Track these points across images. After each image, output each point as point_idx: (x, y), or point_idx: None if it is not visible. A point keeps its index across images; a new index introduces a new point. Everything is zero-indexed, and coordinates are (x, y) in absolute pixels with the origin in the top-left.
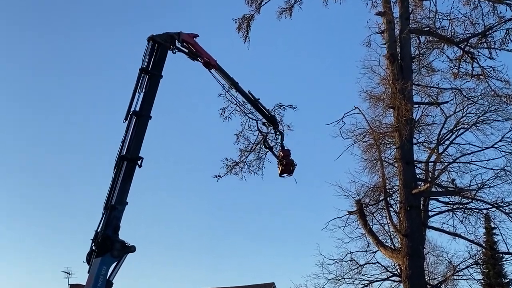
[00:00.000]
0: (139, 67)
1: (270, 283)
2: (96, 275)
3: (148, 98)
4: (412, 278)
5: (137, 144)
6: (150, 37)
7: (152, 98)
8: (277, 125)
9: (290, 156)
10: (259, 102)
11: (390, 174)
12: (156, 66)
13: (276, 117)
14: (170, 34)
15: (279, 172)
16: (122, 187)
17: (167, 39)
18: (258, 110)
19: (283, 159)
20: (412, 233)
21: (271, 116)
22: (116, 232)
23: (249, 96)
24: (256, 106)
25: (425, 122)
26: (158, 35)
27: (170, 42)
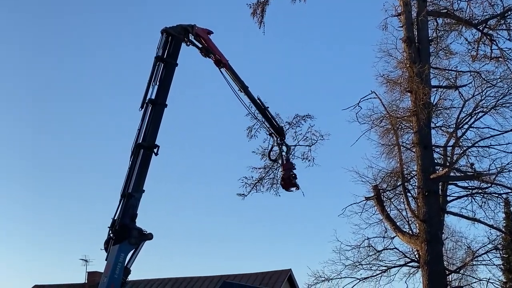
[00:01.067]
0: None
1: (287, 269)
2: (114, 263)
3: (164, 86)
4: (431, 263)
5: (153, 132)
6: (163, 29)
7: (168, 86)
8: (284, 136)
9: (293, 170)
10: (267, 110)
11: (408, 159)
12: (171, 56)
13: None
14: (184, 26)
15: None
16: (138, 175)
17: (181, 31)
18: (266, 119)
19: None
20: (431, 219)
21: (279, 127)
22: (133, 220)
23: (258, 102)
24: (264, 114)
25: (443, 106)
26: (172, 28)
27: (183, 35)
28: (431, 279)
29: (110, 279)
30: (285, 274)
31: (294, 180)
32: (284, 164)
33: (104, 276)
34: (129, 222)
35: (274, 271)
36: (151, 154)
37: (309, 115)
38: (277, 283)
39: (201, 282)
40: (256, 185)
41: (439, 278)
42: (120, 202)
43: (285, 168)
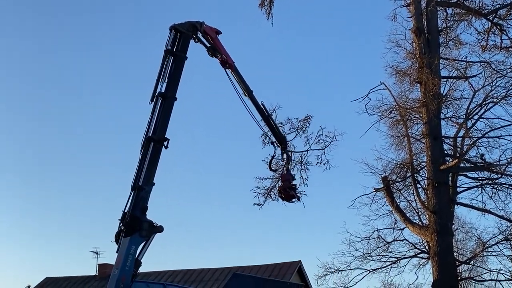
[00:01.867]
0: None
1: (296, 261)
2: (125, 255)
3: (173, 79)
4: (441, 255)
5: (163, 125)
6: (172, 26)
7: (177, 79)
8: (286, 146)
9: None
10: (271, 117)
11: (417, 150)
12: (180, 50)
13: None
14: (192, 23)
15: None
16: (149, 168)
17: (189, 28)
18: (268, 126)
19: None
20: (441, 210)
21: (281, 136)
22: (144, 212)
23: (261, 108)
24: (267, 121)
25: (453, 97)
26: (180, 24)
27: (192, 32)
28: (441, 270)
29: (121, 271)
30: (295, 266)
31: (292, 192)
32: (283, 175)
33: (115, 268)
34: (139, 215)
35: (283, 263)
36: (161, 148)
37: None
38: (286, 274)
39: (211, 274)
40: (270, 194)
41: (449, 269)
42: (130, 195)
43: (283, 179)
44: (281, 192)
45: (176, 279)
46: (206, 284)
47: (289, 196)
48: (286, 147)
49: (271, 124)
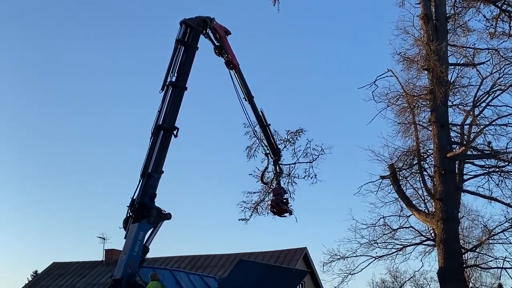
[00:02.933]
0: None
1: (302, 248)
2: (133, 240)
3: (184, 69)
4: (447, 242)
5: (173, 114)
6: (182, 21)
7: (188, 69)
8: (280, 158)
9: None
10: (268, 127)
11: (424, 138)
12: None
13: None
14: (203, 18)
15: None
16: (158, 156)
17: (200, 23)
18: (265, 136)
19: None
20: (447, 197)
21: (277, 148)
22: (152, 200)
23: (260, 116)
24: (265, 131)
25: (460, 84)
26: (191, 19)
27: (202, 27)
28: (447, 257)
29: (129, 256)
30: (301, 252)
31: (284, 206)
32: (274, 189)
33: (123, 253)
34: (148, 202)
35: (289, 249)
36: (170, 136)
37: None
38: (292, 261)
39: (217, 260)
40: (257, 208)
41: (455, 256)
42: (139, 182)
43: (275, 193)
44: (273, 206)
45: (183, 265)
46: (212, 270)
47: (281, 210)
48: (279, 159)
49: (267, 134)
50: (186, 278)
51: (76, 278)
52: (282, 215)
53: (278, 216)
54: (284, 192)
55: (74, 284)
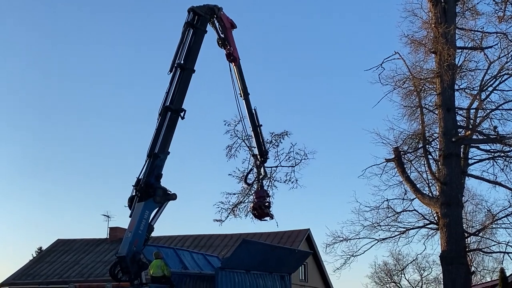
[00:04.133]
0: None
1: (305, 229)
2: (139, 219)
3: (193, 52)
4: (450, 226)
5: (181, 96)
6: (190, 8)
7: (196, 52)
8: (266, 161)
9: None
10: (259, 128)
11: (430, 121)
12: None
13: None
14: (211, 6)
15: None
16: (165, 137)
17: (207, 11)
18: (255, 136)
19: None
20: (451, 181)
21: (265, 150)
22: (158, 180)
23: (253, 115)
24: (255, 130)
25: (467, 68)
26: (198, 7)
27: (209, 15)
28: (450, 241)
29: (135, 234)
30: (304, 234)
31: (266, 210)
32: (257, 192)
33: (129, 231)
34: (154, 182)
35: (292, 231)
36: (177, 118)
37: (286, 132)
38: (295, 242)
39: (220, 240)
40: (234, 210)
41: (458, 240)
42: (146, 162)
43: (257, 196)
44: (255, 209)
45: (186, 244)
46: (216, 249)
47: (263, 214)
48: (265, 161)
49: (258, 134)
50: (189, 257)
51: (80, 255)
52: (262, 219)
53: (259, 220)
54: (267, 196)
55: (78, 260)
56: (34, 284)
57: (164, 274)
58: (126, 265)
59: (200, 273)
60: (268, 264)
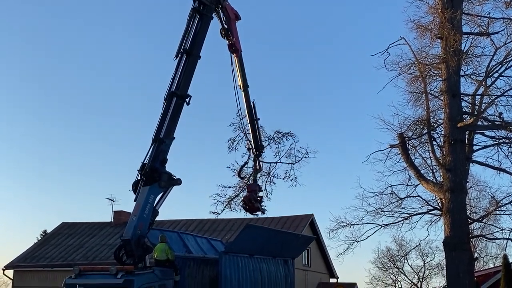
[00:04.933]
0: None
1: (309, 214)
2: (144, 203)
3: (199, 37)
4: (453, 212)
5: (186, 81)
6: None
7: (202, 38)
8: (261, 154)
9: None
10: (257, 121)
11: (435, 107)
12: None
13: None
14: None
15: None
16: (170, 122)
17: (212, 0)
18: (252, 129)
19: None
20: (456, 167)
21: (261, 144)
22: (163, 165)
23: (251, 108)
24: (252, 124)
25: (473, 54)
26: None
27: (215, 4)
28: (453, 227)
29: (139, 218)
30: (307, 219)
31: (257, 204)
32: (250, 185)
33: (133, 215)
34: (159, 166)
35: (296, 216)
36: (183, 103)
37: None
38: (299, 227)
39: (224, 224)
40: (230, 203)
41: (461, 226)
42: (151, 147)
43: (249, 189)
44: (245, 203)
45: (190, 228)
46: (220, 233)
47: (253, 208)
48: (260, 155)
49: (254, 127)
50: (193, 241)
51: (85, 238)
52: (254, 213)
53: (250, 213)
54: (259, 190)
55: (83, 243)
56: (38, 267)
57: (168, 258)
58: (130, 248)
59: (204, 257)
60: (272, 248)
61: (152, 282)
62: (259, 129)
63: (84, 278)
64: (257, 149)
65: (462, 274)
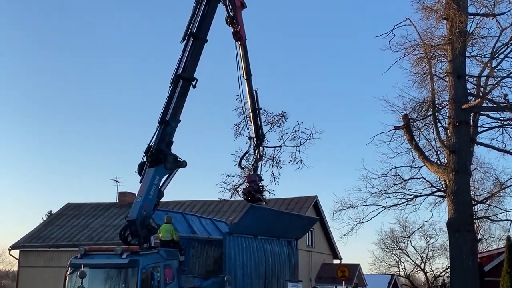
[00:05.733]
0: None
1: (312, 196)
2: (149, 184)
3: (206, 21)
4: (457, 193)
5: (193, 64)
6: None
7: (209, 21)
8: (261, 144)
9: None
10: (259, 110)
11: (440, 89)
12: None
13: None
14: None
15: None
16: (176, 104)
17: None
18: (253, 118)
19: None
20: (460, 149)
21: (262, 133)
22: (169, 147)
23: (253, 96)
24: (254, 112)
25: (479, 35)
26: None
27: None
28: (457, 208)
29: (145, 199)
30: (311, 200)
31: (257, 195)
32: (249, 176)
33: (139, 196)
34: (165, 148)
35: (300, 197)
36: (189, 86)
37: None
38: (303, 208)
39: (228, 205)
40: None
41: (465, 208)
42: (157, 129)
43: (249, 180)
44: (246, 194)
45: (194, 209)
46: (224, 215)
47: (254, 199)
48: (261, 144)
49: (256, 116)
50: (197, 222)
51: (90, 218)
52: (255, 203)
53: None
54: (260, 180)
55: (88, 224)
56: (44, 247)
57: (173, 238)
58: (135, 228)
59: (208, 238)
60: (276, 229)
61: (157, 262)
62: (260, 118)
63: (89, 258)
64: (257, 138)
65: (465, 255)
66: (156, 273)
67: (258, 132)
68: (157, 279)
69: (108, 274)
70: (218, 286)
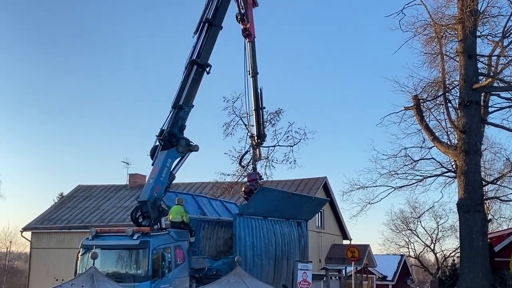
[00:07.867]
0: None
1: (322, 177)
2: (161, 166)
3: (221, 8)
4: (468, 174)
5: (208, 51)
6: None
7: (225, 9)
8: (262, 143)
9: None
10: (262, 110)
11: (451, 69)
12: None
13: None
14: None
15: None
16: (190, 89)
17: None
18: (256, 117)
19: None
20: (470, 129)
21: (264, 132)
22: (181, 131)
23: (258, 95)
24: (257, 111)
25: (490, 14)
26: None
27: None
28: (467, 189)
29: (156, 180)
30: (321, 182)
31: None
32: (249, 175)
33: (151, 178)
34: (177, 132)
35: (309, 178)
36: (203, 72)
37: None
38: (312, 189)
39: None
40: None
41: (475, 188)
42: (170, 113)
43: (249, 179)
44: (246, 193)
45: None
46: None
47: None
48: (262, 143)
49: (259, 115)
50: (207, 203)
51: (101, 200)
52: None
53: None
54: (260, 178)
55: (99, 206)
56: (55, 229)
57: (183, 219)
58: (147, 210)
59: (218, 219)
60: (285, 210)
61: (168, 244)
62: (263, 118)
63: (100, 239)
64: (259, 138)
65: (475, 236)
66: (166, 254)
67: (260, 131)
68: (167, 260)
69: (119, 255)
70: (228, 267)
